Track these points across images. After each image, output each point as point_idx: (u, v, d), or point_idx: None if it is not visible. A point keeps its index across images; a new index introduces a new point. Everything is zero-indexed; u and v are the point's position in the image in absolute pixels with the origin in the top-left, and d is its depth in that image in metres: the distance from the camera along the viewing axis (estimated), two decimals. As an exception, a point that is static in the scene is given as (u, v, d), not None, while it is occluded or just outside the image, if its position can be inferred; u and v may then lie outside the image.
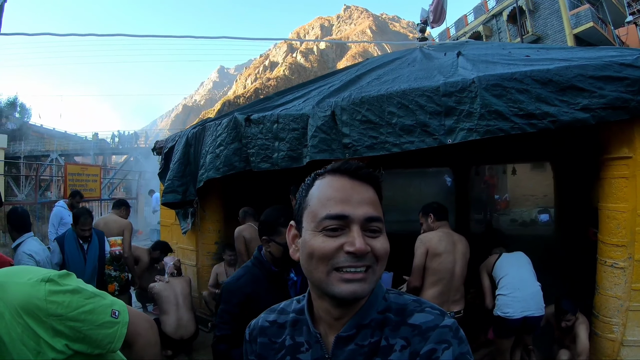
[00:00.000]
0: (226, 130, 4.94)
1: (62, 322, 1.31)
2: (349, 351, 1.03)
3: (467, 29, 27.69)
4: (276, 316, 1.22)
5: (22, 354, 1.25)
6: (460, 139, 3.44)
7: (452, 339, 0.97)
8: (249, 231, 5.15)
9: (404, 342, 1.00)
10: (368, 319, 1.05)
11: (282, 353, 1.14)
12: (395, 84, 3.99)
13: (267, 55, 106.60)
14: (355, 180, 1.05)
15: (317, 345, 1.08)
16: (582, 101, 3.19)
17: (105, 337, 1.40)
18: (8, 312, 1.25)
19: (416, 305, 1.06)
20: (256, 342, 1.21)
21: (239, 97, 71.01)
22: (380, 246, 1.01)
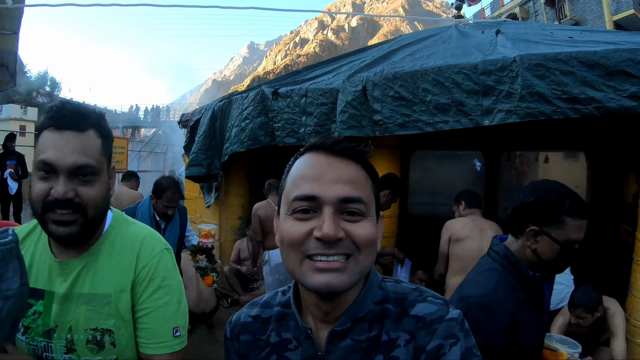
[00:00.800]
0: (253, 104, 4.85)
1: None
2: (345, 347, 0.93)
3: (503, 10, 27.06)
4: (259, 310, 1.10)
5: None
6: (498, 120, 3.26)
7: (459, 333, 0.88)
8: (265, 209, 5.06)
9: (408, 335, 0.90)
10: (364, 310, 0.94)
11: (266, 351, 1.03)
12: (430, 61, 3.82)
13: (297, 31, 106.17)
14: (332, 156, 0.91)
15: (308, 341, 0.98)
16: (631, 88, 2.94)
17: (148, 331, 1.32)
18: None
19: (417, 294, 0.96)
20: (238, 340, 1.09)
21: (268, 73, 71.02)
22: (361, 232, 0.87)
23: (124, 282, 1.30)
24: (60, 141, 1.18)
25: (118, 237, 1.36)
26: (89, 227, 1.24)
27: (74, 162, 1.17)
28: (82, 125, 1.21)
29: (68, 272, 1.27)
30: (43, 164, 1.16)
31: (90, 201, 1.21)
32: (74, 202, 1.18)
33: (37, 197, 1.17)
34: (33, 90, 43.98)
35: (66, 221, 1.17)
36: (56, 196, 1.15)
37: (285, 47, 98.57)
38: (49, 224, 1.18)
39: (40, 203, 1.17)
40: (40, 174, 1.17)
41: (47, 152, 1.16)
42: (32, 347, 1.26)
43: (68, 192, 1.16)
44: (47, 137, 1.19)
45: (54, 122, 1.19)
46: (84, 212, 1.20)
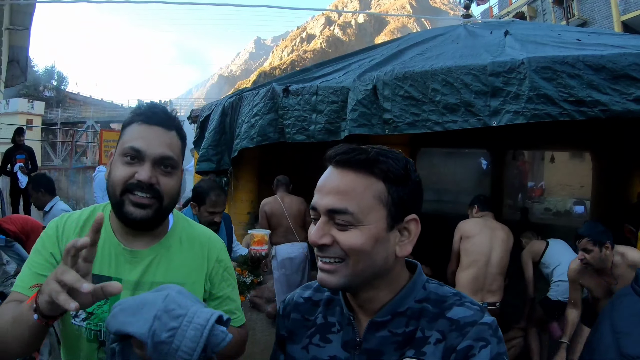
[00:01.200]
0: (263, 101, 4.92)
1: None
2: (381, 337, 1.02)
3: (511, 8, 26.92)
4: (312, 293, 1.21)
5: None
6: (505, 121, 3.33)
7: (491, 337, 0.93)
8: (272, 205, 5.16)
9: (440, 335, 0.96)
10: (404, 306, 1.02)
11: (312, 330, 1.14)
12: (440, 61, 3.88)
13: (304, 27, 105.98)
14: (334, 168, 1.03)
15: (349, 327, 1.07)
16: (636, 92, 3.02)
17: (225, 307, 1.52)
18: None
19: (456, 298, 1.02)
20: (289, 317, 1.20)
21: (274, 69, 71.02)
22: (344, 240, 0.97)
23: (198, 273, 1.47)
24: (149, 133, 1.32)
25: (183, 232, 1.51)
26: (161, 214, 1.36)
27: (161, 152, 1.31)
28: (168, 124, 1.36)
29: (138, 261, 1.38)
30: (132, 149, 1.29)
31: (167, 190, 1.34)
32: (154, 188, 1.30)
33: (119, 178, 1.29)
34: (40, 85, 44.15)
35: (144, 204, 1.29)
36: (140, 179, 1.27)
37: (291, 43, 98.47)
38: (127, 205, 1.30)
39: (121, 185, 1.29)
40: (126, 159, 1.30)
41: (136, 141, 1.29)
42: (94, 332, 1.34)
43: (152, 177, 1.29)
44: (136, 129, 1.33)
45: (145, 117, 1.33)
46: (160, 199, 1.33)
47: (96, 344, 1.35)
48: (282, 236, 5.18)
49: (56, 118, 41.03)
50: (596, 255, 3.25)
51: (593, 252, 3.25)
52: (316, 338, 1.11)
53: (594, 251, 3.25)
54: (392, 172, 0.98)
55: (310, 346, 1.11)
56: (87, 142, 30.99)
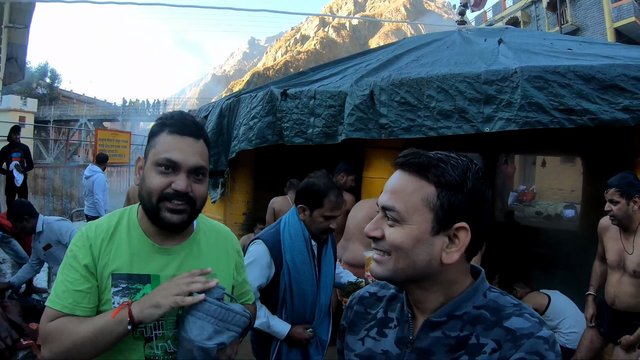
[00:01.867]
0: (261, 103, 4.99)
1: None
2: (434, 338, 1.02)
3: (505, 13, 27.13)
4: (377, 289, 1.25)
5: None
6: (498, 128, 3.44)
7: (547, 352, 0.91)
8: (281, 203, 5.23)
9: (495, 345, 0.95)
10: (462, 310, 1.02)
11: (371, 324, 1.17)
12: (435, 68, 3.99)
13: (298, 28, 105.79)
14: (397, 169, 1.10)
15: (405, 324, 1.09)
16: (623, 101, 3.16)
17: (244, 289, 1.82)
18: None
19: (516, 308, 1.00)
20: (352, 309, 1.26)
21: (268, 69, 70.83)
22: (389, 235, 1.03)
23: (225, 262, 1.65)
24: (183, 145, 1.41)
25: (207, 229, 1.65)
26: (193, 217, 1.49)
27: (196, 162, 1.41)
28: (198, 134, 1.45)
29: (173, 257, 1.50)
30: (168, 160, 1.38)
31: (199, 196, 1.45)
32: (189, 196, 1.41)
33: (155, 188, 1.39)
34: (33, 82, 43.86)
35: (180, 210, 1.41)
36: (178, 189, 1.38)
37: (285, 44, 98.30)
38: (163, 212, 1.40)
39: (157, 194, 1.39)
40: (160, 169, 1.39)
41: (171, 152, 1.39)
42: (140, 329, 1.43)
43: (187, 187, 1.39)
44: (169, 139, 1.42)
45: (177, 128, 1.42)
46: (193, 204, 1.44)
47: (142, 341, 1.45)
48: None
49: (49, 116, 40.84)
50: (622, 207, 3.10)
51: (620, 204, 3.10)
52: (374, 331, 1.15)
53: (621, 203, 3.10)
54: (446, 178, 0.99)
55: (367, 338, 1.15)
56: (80, 140, 30.88)
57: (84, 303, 1.40)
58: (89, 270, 1.42)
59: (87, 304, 1.40)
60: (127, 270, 1.44)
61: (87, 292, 1.41)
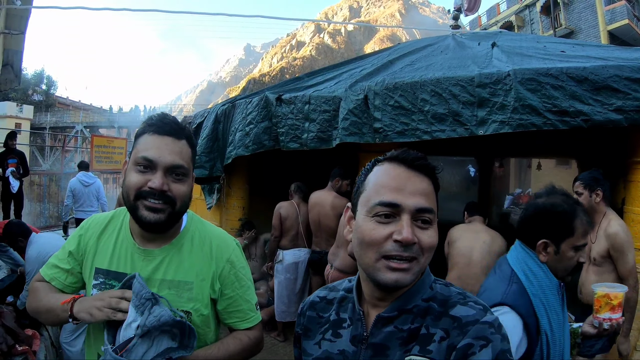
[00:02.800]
0: (257, 109, 5.00)
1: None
2: (387, 332, 1.06)
3: (499, 17, 27.23)
4: (327, 292, 1.28)
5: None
6: (492, 130, 3.45)
7: (492, 336, 0.96)
8: (287, 208, 5.26)
9: (444, 333, 1.00)
10: (411, 304, 1.06)
11: (325, 327, 1.20)
12: (429, 72, 4.00)
13: (294, 34, 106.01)
14: (411, 170, 1.06)
15: (359, 322, 1.12)
16: (616, 102, 3.17)
17: (239, 307, 1.64)
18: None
19: (460, 297, 1.06)
20: (305, 315, 1.27)
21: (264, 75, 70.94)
22: (427, 239, 1.02)
23: (206, 272, 1.56)
24: (161, 143, 1.43)
25: (196, 233, 1.61)
26: (174, 217, 1.48)
27: (172, 161, 1.42)
28: (179, 134, 1.47)
29: (150, 260, 1.51)
30: (144, 159, 1.41)
31: (179, 196, 1.45)
32: (166, 195, 1.42)
33: (133, 185, 1.41)
34: (29, 88, 43.84)
35: (157, 208, 1.41)
36: (153, 187, 1.39)
37: (281, 50, 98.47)
38: (141, 210, 1.42)
39: (135, 191, 1.41)
40: (139, 168, 1.42)
41: (149, 151, 1.41)
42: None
43: (163, 185, 1.40)
44: (148, 139, 1.44)
45: (156, 128, 1.45)
46: (173, 204, 1.44)
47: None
48: (290, 241, 5.26)
49: (45, 122, 40.83)
50: (586, 199, 3.35)
51: (583, 195, 3.36)
52: (329, 334, 1.17)
53: (584, 195, 3.36)
54: (438, 183, 1.11)
55: (323, 341, 1.17)
56: (76, 147, 30.84)
57: (61, 279, 1.58)
58: (73, 256, 1.58)
59: (63, 280, 1.59)
60: (106, 266, 1.52)
61: (65, 271, 1.58)
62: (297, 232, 5.27)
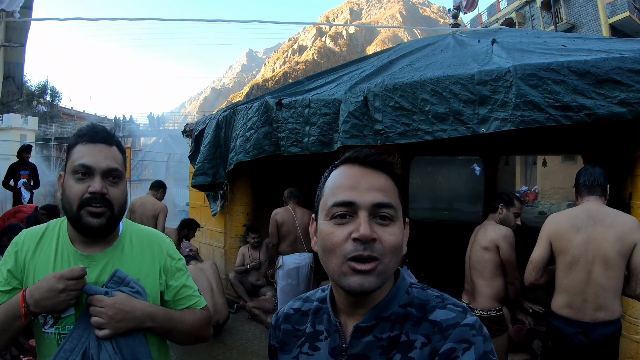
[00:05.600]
0: (257, 114, 4.98)
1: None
2: (367, 342, 1.02)
3: (500, 15, 27.16)
4: (301, 304, 1.23)
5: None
6: (494, 128, 3.41)
7: (474, 338, 0.93)
8: (283, 214, 5.21)
9: (425, 339, 0.97)
10: (389, 311, 1.03)
11: (302, 340, 1.15)
12: (429, 71, 3.97)
13: (295, 39, 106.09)
14: (365, 168, 1.03)
15: (336, 334, 1.08)
16: (620, 95, 3.11)
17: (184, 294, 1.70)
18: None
19: (438, 301, 1.03)
20: (280, 328, 1.23)
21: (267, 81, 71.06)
22: (388, 236, 0.98)
23: (150, 267, 1.63)
24: (95, 150, 1.49)
25: (133, 234, 1.67)
26: (113, 220, 1.53)
27: (108, 165, 1.49)
28: (110, 141, 1.55)
29: (94, 264, 1.53)
30: (82, 166, 1.46)
31: (116, 199, 1.51)
32: (106, 198, 1.47)
33: (75, 194, 1.46)
34: (33, 100, 44.11)
35: (99, 213, 1.46)
36: (94, 190, 1.44)
37: (283, 55, 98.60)
38: (84, 217, 1.46)
39: (77, 200, 1.46)
40: (77, 176, 1.47)
41: (85, 158, 1.47)
42: (63, 335, 1.48)
43: (103, 188, 1.46)
44: (82, 148, 1.50)
45: (88, 137, 1.51)
46: (111, 207, 1.50)
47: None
48: (289, 245, 5.21)
49: (50, 133, 41.05)
50: (497, 216, 3.71)
51: (495, 213, 3.72)
52: (305, 347, 1.13)
53: (496, 213, 3.72)
54: (397, 177, 1.08)
55: (301, 355, 1.13)
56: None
57: (4, 300, 1.51)
58: (12, 274, 1.55)
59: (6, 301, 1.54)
60: None
61: (6, 293, 1.53)
62: (296, 237, 5.24)
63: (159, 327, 1.55)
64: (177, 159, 21.83)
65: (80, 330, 1.42)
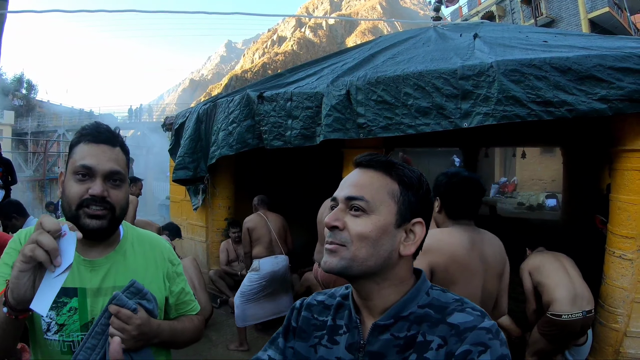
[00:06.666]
0: (239, 107, 4.94)
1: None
2: (384, 340, 1.05)
3: (480, 8, 27.25)
4: (325, 297, 1.27)
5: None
6: (476, 123, 3.43)
7: (491, 341, 0.95)
8: (253, 220, 5.11)
9: (441, 340, 0.99)
10: (407, 311, 1.06)
11: (322, 332, 1.19)
12: (411, 65, 3.96)
13: (275, 30, 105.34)
14: (359, 168, 1.16)
15: (355, 330, 1.11)
16: (600, 91, 3.16)
17: (183, 299, 1.72)
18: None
19: (458, 304, 1.05)
20: (300, 314, 1.27)
21: (246, 72, 70.45)
22: (353, 225, 1.07)
23: (154, 274, 1.60)
24: (98, 151, 1.44)
25: (134, 238, 1.63)
26: (114, 223, 1.48)
27: (111, 168, 1.43)
28: (113, 141, 1.48)
29: (97, 269, 1.48)
30: (83, 167, 1.40)
31: (118, 201, 1.46)
32: (106, 201, 1.41)
33: (74, 195, 1.40)
34: (9, 93, 43.19)
35: (99, 215, 1.41)
36: (94, 193, 1.38)
37: (263, 46, 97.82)
38: (83, 218, 1.40)
39: (77, 200, 1.40)
40: (78, 177, 1.41)
41: (86, 159, 1.41)
42: (67, 343, 1.42)
43: (104, 191, 1.40)
44: (84, 148, 1.44)
45: (92, 137, 1.45)
46: (113, 210, 1.45)
47: (70, 355, 1.41)
48: (266, 248, 5.09)
49: (26, 128, 40.24)
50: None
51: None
52: (325, 339, 1.17)
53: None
54: (407, 178, 1.11)
55: (319, 347, 1.17)
56: (59, 151, 30.43)
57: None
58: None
59: None
60: None
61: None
62: (271, 239, 5.14)
63: (163, 342, 1.53)
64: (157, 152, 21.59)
65: (95, 340, 1.35)
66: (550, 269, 3.87)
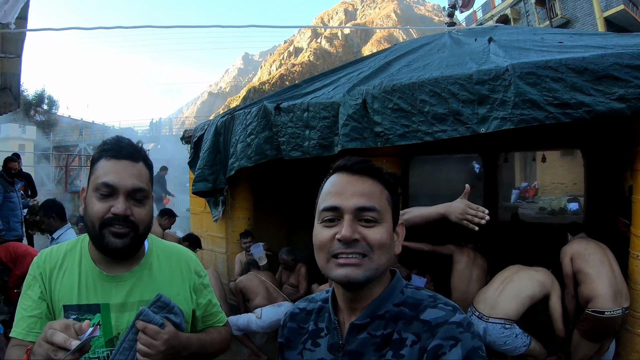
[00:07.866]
0: (256, 119, 4.98)
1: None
2: (361, 339, 1.09)
3: (495, 11, 27.22)
4: (306, 304, 1.32)
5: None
6: (493, 128, 3.41)
7: (461, 335, 0.98)
8: (246, 281, 5.20)
9: (415, 337, 1.03)
10: (383, 310, 1.10)
11: (305, 337, 1.23)
12: (427, 71, 3.97)
13: (291, 41, 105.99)
14: (352, 175, 1.12)
15: (335, 331, 1.15)
16: (618, 91, 3.11)
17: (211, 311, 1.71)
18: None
19: (430, 300, 1.09)
20: (286, 326, 1.31)
21: (264, 84, 70.97)
22: (373, 235, 1.07)
23: (180, 286, 1.60)
24: (119, 167, 1.41)
25: (159, 251, 1.63)
26: (138, 241, 1.47)
27: (133, 185, 1.41)
28: (136, 156, 1.46)
29: (122, 284, 1.48)
30: (105, 185, 1.38)
31: (141, 219, 1.45)
32: (129, 219, 1.40)
33: (96, 214, 1.39)
34: (31, 109, 44.02)
35: (122, 233, 1.40)
36: (117, 212, 1.37)
37: (279, 57, 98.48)
38: (107, 237, 1.39)
39: (99, 220, 1.39)
40: (99, 195, 1.39)
41: (108, 176, 1.39)
42: (93, 359, 1.42)
43: (126, 210, 1.39)
44: (106, 164, 1.42)
45: (113, 153, 1.42)
46: (136, 228, 1.43)
47: None
48: (264, 298, 5.00)
49: (48, 142, 40.96)
50: None
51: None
52: (308, 343, 1.21)
53: None
54: (391, 183, 1.17)
55: (304, 351, 1.21)
56: (81, 165, 30.92)
57: (37, 328, 1.42)
58: (42, 298, 1.47)
59: (39, 329, 1.41)
60: (76, 301, 1.45)
61: (38, 317, 1.44)
62: (267, 288, 5.09)
63: (191, 355, 1.52)
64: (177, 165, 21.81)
65: (122, 356, 1.35)
66: (595, 259, 3.85)
